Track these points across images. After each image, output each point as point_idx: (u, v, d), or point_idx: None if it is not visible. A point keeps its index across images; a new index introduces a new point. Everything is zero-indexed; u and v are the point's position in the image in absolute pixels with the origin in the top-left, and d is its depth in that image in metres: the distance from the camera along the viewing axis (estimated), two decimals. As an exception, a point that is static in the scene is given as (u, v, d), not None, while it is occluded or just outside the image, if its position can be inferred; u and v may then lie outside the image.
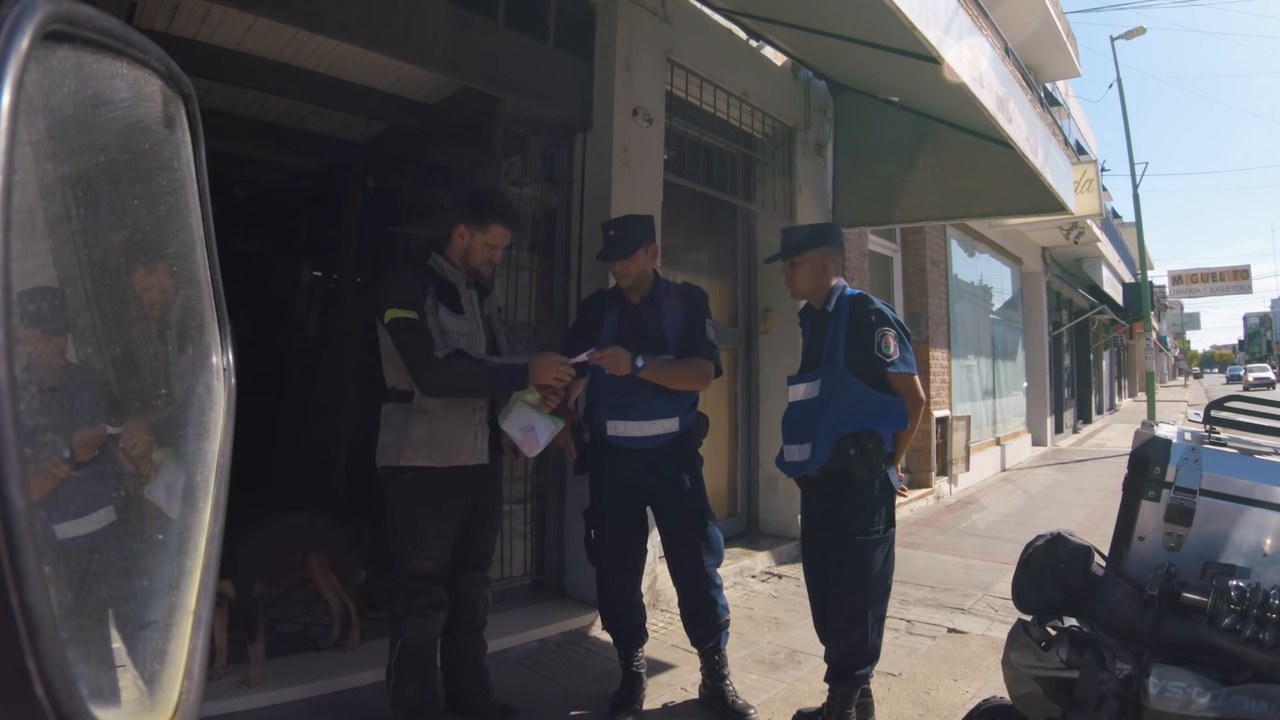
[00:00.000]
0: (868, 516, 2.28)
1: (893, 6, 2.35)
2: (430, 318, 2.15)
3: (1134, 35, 15.38)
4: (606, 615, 2.66)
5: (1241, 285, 33.62)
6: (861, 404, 2.28)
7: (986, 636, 3.25)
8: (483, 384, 2.19)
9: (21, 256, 0.34)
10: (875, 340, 2.28)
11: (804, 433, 2.37)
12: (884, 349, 2.27)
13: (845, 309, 2.37)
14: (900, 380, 2.29)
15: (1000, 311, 9.87)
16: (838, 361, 2.31)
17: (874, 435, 2.27)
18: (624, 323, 2.56)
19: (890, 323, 2.31)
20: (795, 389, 2.46)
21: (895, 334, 2.29)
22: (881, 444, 2.28)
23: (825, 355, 2.35)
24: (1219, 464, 1.55)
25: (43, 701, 0.30)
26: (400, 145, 4.23)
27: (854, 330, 2.32)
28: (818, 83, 5.00)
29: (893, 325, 2.30)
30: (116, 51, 0.45)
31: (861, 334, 2.30)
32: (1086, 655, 1.50)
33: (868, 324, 2.31)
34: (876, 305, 2.35)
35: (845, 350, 2.31)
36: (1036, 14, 8.79)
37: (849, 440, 2.27)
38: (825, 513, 2.37)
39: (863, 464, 2.25)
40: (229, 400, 0.60)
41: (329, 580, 2.80)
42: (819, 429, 2.32)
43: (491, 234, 2.28)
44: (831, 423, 2.30)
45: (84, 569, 0.45)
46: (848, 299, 2.40)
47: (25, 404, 0.33)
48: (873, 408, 2.28)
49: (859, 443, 2.26)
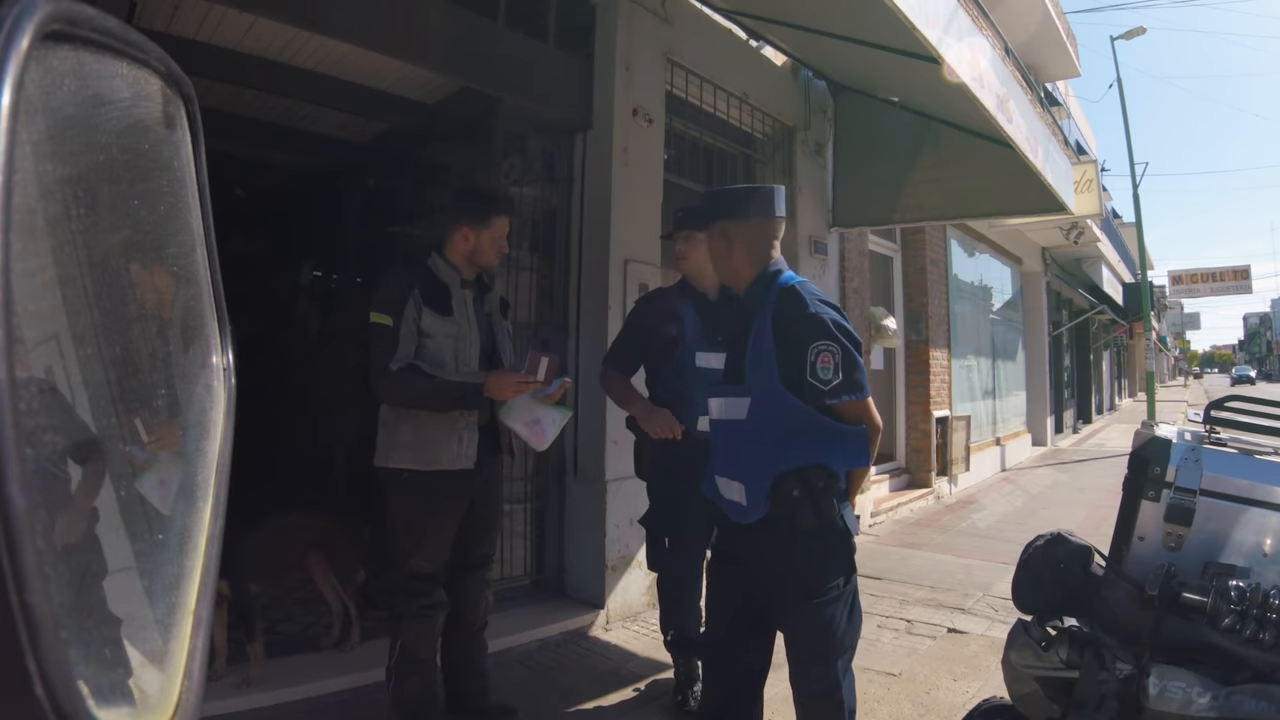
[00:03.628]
0: (821, 572, 1.74)
1: (893, 6, 2.35)
2: (408, 322, 2.15)
3: (1134, 35, 15.38)
4: (675, 624, 2.59)
5: (1241, 285, 33.61)
6: (807, 432, 1.73)
7: (986, 636, 3.25)
8: (430, 399, 2.17)
9: (21, 256, 0.34)
10: (807, 361, 1.71)
11: (736, 464, 1.84)
12: (820, 373, 1.70)
13: (772, 306, 1.79)
14: (849, 410, 1.74)
15: (1000, 311, 9.87)
16: (771, 377, 1.75)
17: (824, 471, 1.73)
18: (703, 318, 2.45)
19: (829, 334, 1.72)
20: (715, 404, 1.91)
21: (837, 349, 1.71)
22: (834, 481, 1.74)
23: (749, 365, 1.81)
24: (1219, 464, 1.55)
25: (43, 701, 0.30)
26: (400, 145, 4.23)
27: (782, 339, 1.76)
28: (818, 83, 5.00)
29: (834, 338, 1.72)
30: (116, 51, 0.45)
31: (791, 350, 1.74)
32: (1086, 655, 1.50)
33: (797, 338, 1.74)
34: (812, 310, 1.75)
35: (780, 364, 1.75)
36: (1036, 14, 8.79)
37: (792, 478, 1.72)
38: (762, 571, 1.81)
39: (810, 508, 1.71)
40: (229, 400, 0.60)
41: (328, 580, 2.80)
42: (752, 465, 1.78)
43: (496, 228, 2.30)
44: (768, 457, 1.75)
45: (84, 569, 0.45)
46: (778, 291, 1.80)
47: (25, 404, 0.33)
48: (822, 437, 1.74)
49: (805, 481, 1.71)
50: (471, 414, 2.24)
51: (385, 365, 2.12)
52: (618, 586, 3.38)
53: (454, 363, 2.22)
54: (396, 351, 2.13)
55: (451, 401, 2.17)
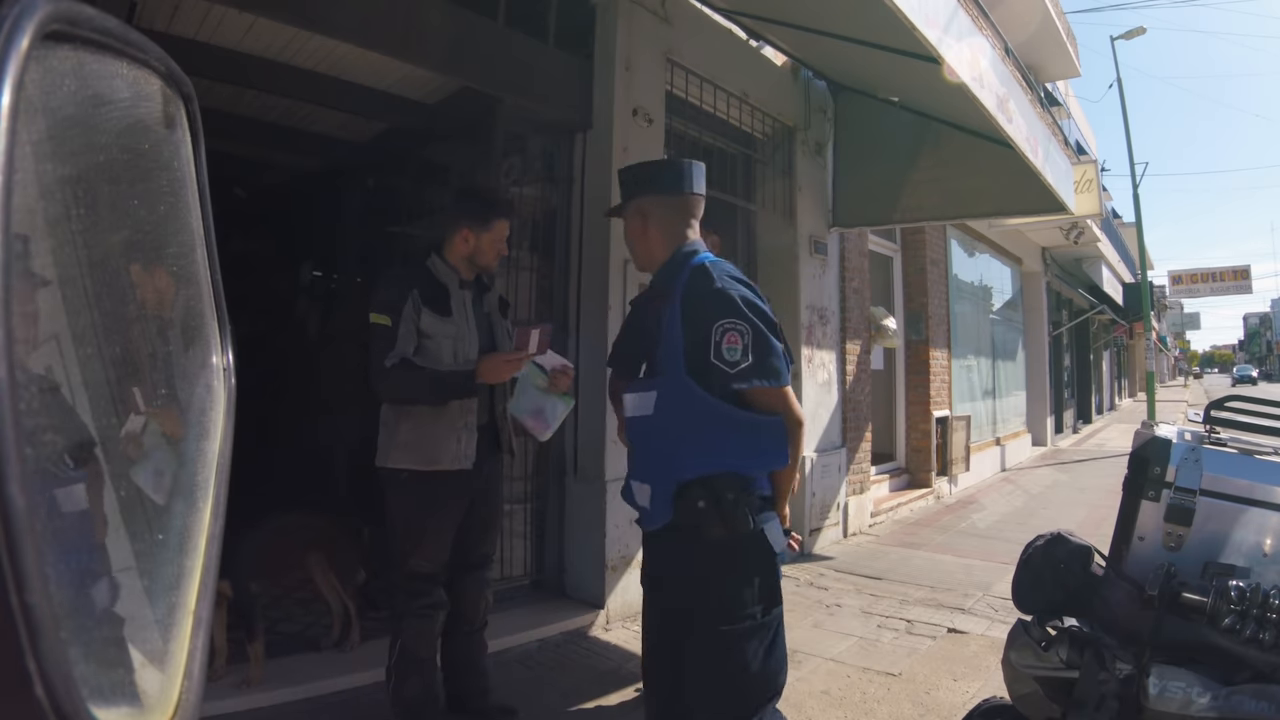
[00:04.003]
0: (735, 594, 1.52)
1: (893, 6, 2.35)
2: (406, 322, 2.16)
3: (1134, 35, 15.38)
4: None
5: (1241, 285, 33.64)
6: (714, 429, 1.53)
7: (986, 636, 3.25)
8: (423, 391, 2.17)
9: (21, 256, 0.34)
10: (711, 340, 1.51)
11: (645, 465, 1.67)
12: (725, 353, 1.51)
13: (683, 286, 1.61)
14: (761, 398, 1.53)
15: (1000, 311, 9.88)
16: (677, 366, 1.55)
17: (736, 480, 1.53)
18: None
19: (736, 311, 1.53)
20: (628, 400, 1.71)
21: (746, 329, 1.52)
22: (748, 490, 1.53)
23: (660, 353, 1.62)
24: (1219, 464, 1.55)
25: (43, 701, 0.30)
26: (400, 145, 4.23)
27: (688, 320, 1.56)
28: (818, 83, 5.00)
29: (742, 315, 1.53)
30: (116, 51, 0.45)
31: (696, 331, 1.54)
32: (1086, 655, 1.50)
33: (701, 317, 1.54)
34: (718, 285, 1.56)
35: (686, 349, 1.55)
36: (1036, 14, 8.79)
37: (697, 487, 1.52)
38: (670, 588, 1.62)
39: (718, 519, 1.51)
40: (229, 400, 0.60)
41: (329, 580, 2.80)
42: (657, 465, 1.61)
43: (496, 230, 2.31)
44: (671, 459, 1.57)
45: (84, 569, 0.45)
46: (691, 270, 1.63)
47: (25, 404, 0.33)
48: (733, 436, 1.53)
49: (712, 490, 1.51)
50: (470, 413, 2.24)
51: (380, 362, 2.13)
52: (618, 586, 3.38)
53: (453, 363, 2.23)
54: (394, 349, 2.14)
55: (448, 391, 2.18)
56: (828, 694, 2.70)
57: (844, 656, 3.05)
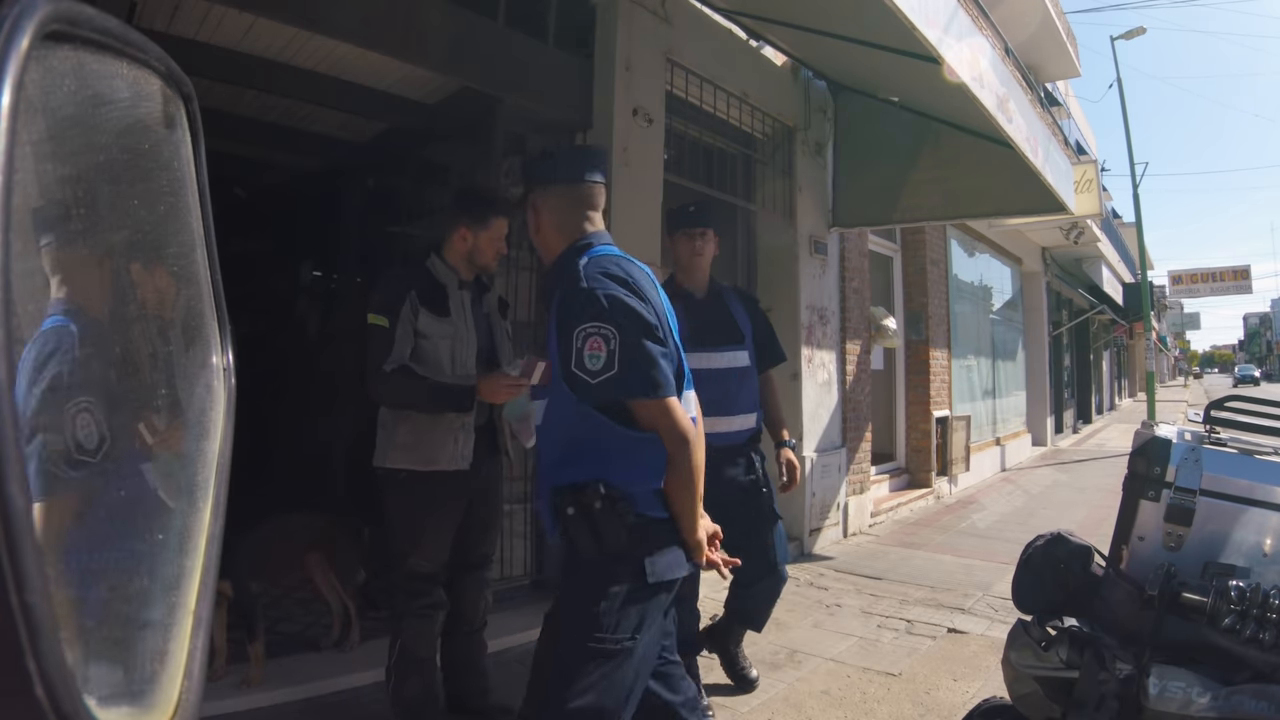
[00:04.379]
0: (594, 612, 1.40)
1: (893, 6, 2.35)
2: (404, 324, 2.16)
3: (1134, 35, 15.38)
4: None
5: (1241, 285, 33.64)
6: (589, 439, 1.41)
7: (986, 636, 3.25)
8: (421, 400, 2.17)
9: (22, 256, 0.34)
10: (573, 347, 1.38)
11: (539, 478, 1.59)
12: (587, 361, 1.37)
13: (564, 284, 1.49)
14: (638, 411, 1.40)
15: (1000, 311, 9.87)
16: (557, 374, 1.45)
17: (606, 490, 1.38)
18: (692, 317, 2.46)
19: (600, 313, 1.38)
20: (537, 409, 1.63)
21: (611, 333, 1.37)
22: (622, 502, 1.38)
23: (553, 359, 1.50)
24: (1219, 464, 1.55)
25: (43, 701, 0.30)
26: (400, 145, 4.23)
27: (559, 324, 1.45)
28: (818, 83, 5.00)
29: (607, 318, 1.38)
30: (116, 51, 0.45)
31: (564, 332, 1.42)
32: (1086, 655, 1.50)
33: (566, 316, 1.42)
34: (584, 284, 1.42)
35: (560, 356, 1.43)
36: (1036, 14, 8.79)
37: (566, 494, 1.40)
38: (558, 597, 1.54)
39: (587, 532, 1.38)
40: (229, 400, 0.60)
41: (328, 580, 2.80)
42: (543, 477, 1.51)
43: (494, 229, 2.31)
44: (551, 468, 1.47)
45: (84, 569, 0.45)
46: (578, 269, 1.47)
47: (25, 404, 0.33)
48: (611, 448, 1.41)
49: (580, 500, 1.38)
50: (467, 415, 2.24)
51: (379, 367, 2.13)
52: (618, 586, 3.37)
53: (450, 364, 2.22)
54: (391, 353, 2.14)
55: (446, 403, 2.18)
56: (828, 694, 2.70)
57: (844, 656, 3.05)
